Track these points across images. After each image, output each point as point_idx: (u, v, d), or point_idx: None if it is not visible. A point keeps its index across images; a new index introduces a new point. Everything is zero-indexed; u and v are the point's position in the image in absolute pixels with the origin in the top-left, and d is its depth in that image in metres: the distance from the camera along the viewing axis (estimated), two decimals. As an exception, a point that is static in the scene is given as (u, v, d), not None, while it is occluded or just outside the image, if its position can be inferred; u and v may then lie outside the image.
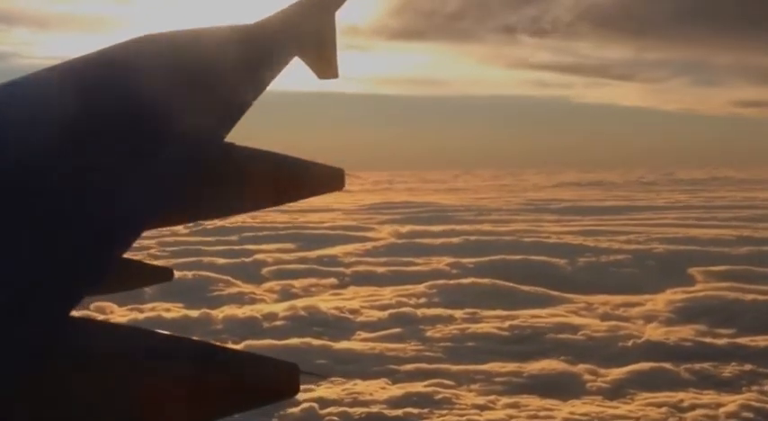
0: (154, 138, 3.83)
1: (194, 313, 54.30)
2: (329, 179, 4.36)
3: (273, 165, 4.24)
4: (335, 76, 6.17)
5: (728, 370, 41.85)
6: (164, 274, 4.97)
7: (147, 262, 5.13)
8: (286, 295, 62.93)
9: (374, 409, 35.90)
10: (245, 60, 5.22)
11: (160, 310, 55.54)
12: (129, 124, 3.95)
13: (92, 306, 55.13)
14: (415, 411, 35.59)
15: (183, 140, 3.87)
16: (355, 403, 36.60)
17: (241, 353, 3.03)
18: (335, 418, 35.05)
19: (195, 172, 3.72)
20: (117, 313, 54.76)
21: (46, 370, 2.49)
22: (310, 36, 5.94)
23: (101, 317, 40.87)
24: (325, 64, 6.05)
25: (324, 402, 36.41)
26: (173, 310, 55.44)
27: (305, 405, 35.87)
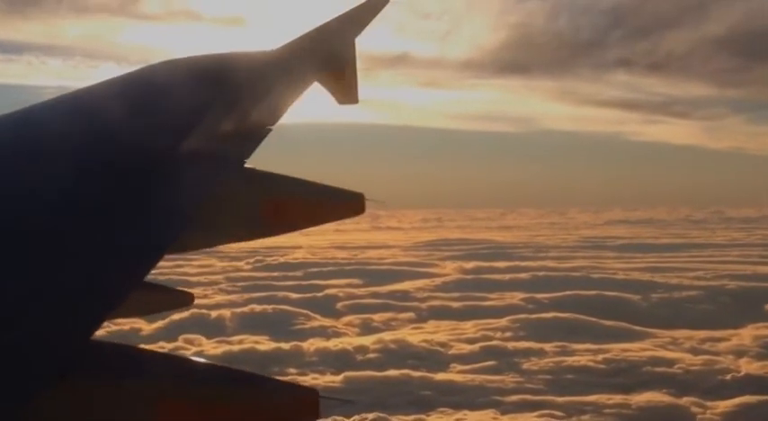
0: (175, 164, 3.88)
1: (285, 345, 54.69)
2: (349, 204, 4.34)
3: (293, 189, 4.27)
4: (355, 101, 6.20)
5: (837, 403, 41.67)
6: (184, 299, 4.98)
7: (180, 288, 5.04)
8: (367, 329, 63.35)
9: (494, 439, 36.15)
10: (265, 85, 5.29)
11: (250, 343, 56.01)
12: (149, 149, 4.00)
13: (180, 337, 56.09)
14: (536, 441, 35.80)
15: (203, 165, 3.94)
16: (474, 433, 36.87)
17: (260, 378, 3.01)
18: (459, 447, 35.33)
19: (216, 196, 3.75)
20: (206, 345, 55.39)
21: (66, 391, 2.53)
22: (330, 62, 5.98)
23: (192, 349, 41.12)
24: (344, 89, 6.10)
25: (442, 432, 36.73)
26: (263, 343, 55.89)
27: (424, 434, 36.21)
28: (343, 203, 4.34)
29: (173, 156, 3.94)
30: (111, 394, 2.72)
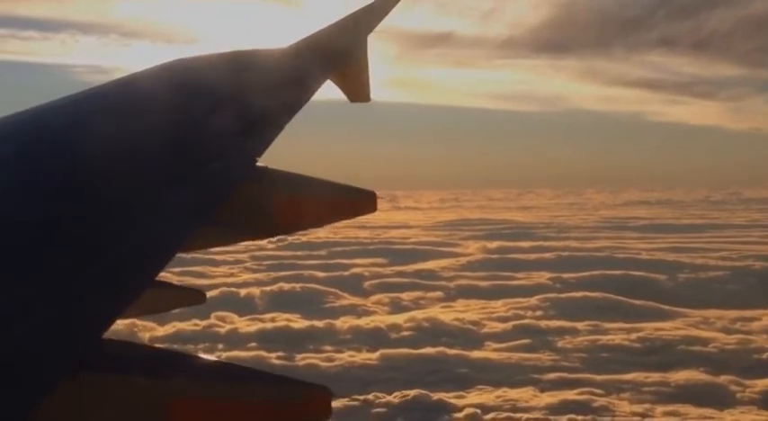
0: (188, 162, 3.88)
1: (318, 323, 54.98)
2: (361, 202, 4.33)
3: (306, 188, 4.24)
4: (367, 99, 6.21)
5: None
6: (197, 297, 4.90)
7: (181, 282, 4.95)
8: (397, 307, 63.60)
9: (537, 416, 36.35)
10: (278, 84, 5.26)
11: (282, 321, 56.29)
12: (162, 148, 4.00)
13: (212, 315, 56.42)
14: (579, 418, 36.01)
15: (216, 163, 3.92)
16: (516, 409, 37.09)
17: (272, 376, 2.97)
18: (504, 424, 35.59)
19: (228, 194, 3.76)
20: (239, 323, 55.73)
21: (77, 389, 2.52)
22: (342, 60, 5.94)
23: (226, 327, 41.44)
24: (357, 87, 6.10)
25: (485, 408, 36.94)
26: (295, 321, 56.17)
27: (468, 411, 36.43)
28: (355, 202, 4.34)
29: (185, 154, 3.96)
30: (122, 392, 2.70)
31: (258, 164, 4.07)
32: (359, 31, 6.13)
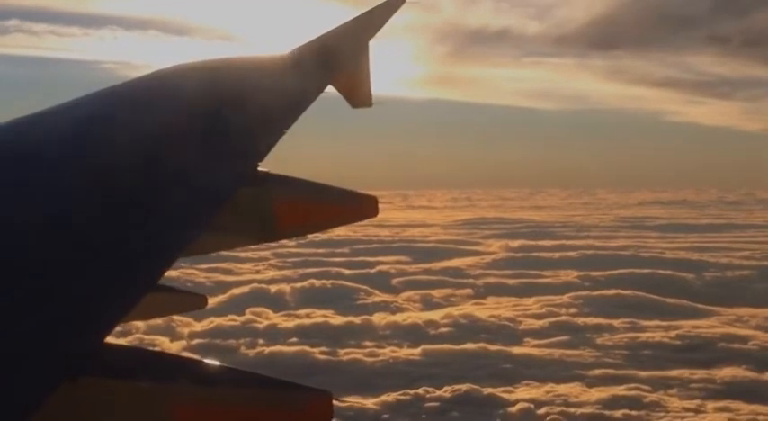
0: (189, 167, 3.87)
1: (356, 319, 55.16)
2: (363, 207, 4.32)
3: (307, 193, 4.22)
4: (369, 104, 6.21)
5: None
6: (198, 302, 4.84)
7: (184, 287, 4.97)
8: (429, 304, 63.77)
9: (591, 410, 36.50)
10: (279, 89, 5.28)
11: (318, 317, 56.45)
12: (162, 153, 3.98)
13: (247, 311, 56.61)
14: (633, 413, 36.14)
15: (217, 168, 3.94)
16: (568, 404, 37.22)
17: (273, 380, 2.96)
18: (559, 417, 35.69)
19: (229, 199, 3.73)
20: (275, 319, 55.90)
21: (77, 393, 2.51)
22: (343, 65, 5.96)
23: (264, 322, 41.46)
24: (358, 93, 6.10)
25: (537, 403, 37.10)
26: (331, 317, 56.32)
27: (521, 405, 36.59)
28: (357, 206, 4.33)
29: (187, 159, 3.96)
30: (122, 397, 2.71)
31: (259, 169, 4.10)
32: (360, 36, 6.15)
